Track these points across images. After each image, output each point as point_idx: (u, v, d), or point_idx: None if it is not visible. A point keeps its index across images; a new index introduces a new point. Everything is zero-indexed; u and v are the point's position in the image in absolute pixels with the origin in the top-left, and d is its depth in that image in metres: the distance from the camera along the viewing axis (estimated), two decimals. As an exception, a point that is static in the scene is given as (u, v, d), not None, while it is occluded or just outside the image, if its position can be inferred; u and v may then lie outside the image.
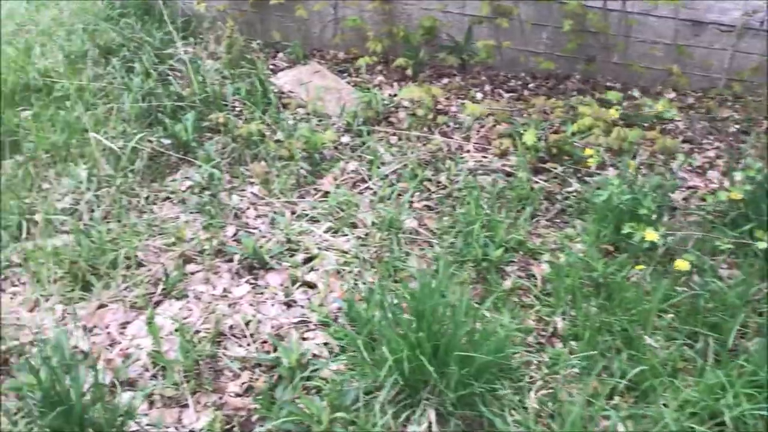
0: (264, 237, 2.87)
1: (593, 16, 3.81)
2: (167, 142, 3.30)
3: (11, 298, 2.54)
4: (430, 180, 3.25)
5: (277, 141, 3.38)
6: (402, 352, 2.01)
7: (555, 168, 3.32)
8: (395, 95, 3.98)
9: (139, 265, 2.68)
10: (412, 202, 3.09)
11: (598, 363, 2.25)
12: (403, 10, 4.31)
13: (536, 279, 2.72)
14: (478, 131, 3.72)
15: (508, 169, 3.37)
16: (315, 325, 2.47)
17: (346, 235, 2.89)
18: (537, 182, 3.24)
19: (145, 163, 3.12)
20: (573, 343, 2.42)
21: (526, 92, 4.19)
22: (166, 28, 4.20)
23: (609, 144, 3.41)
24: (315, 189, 3.21)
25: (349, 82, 4.11)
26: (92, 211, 2.89)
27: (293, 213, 3.03)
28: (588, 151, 3.24)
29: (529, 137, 3.37)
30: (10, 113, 3.33)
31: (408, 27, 4.26)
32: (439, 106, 3.88)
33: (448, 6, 4.11)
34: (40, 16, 4.60)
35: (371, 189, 3.21)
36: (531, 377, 2.27)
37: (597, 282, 2.62)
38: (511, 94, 4.17)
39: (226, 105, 3.57)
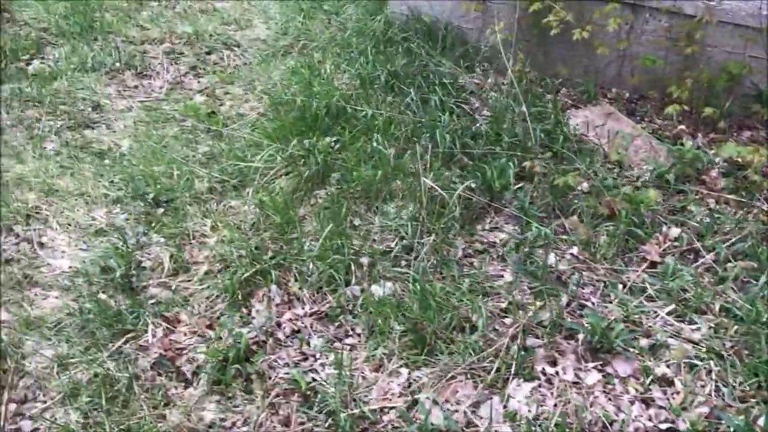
0: (600, 313, 2.59)
1: None
2: (473, 186, 3.10)
3: (350, 350, 2.42)
4: (775, 262, 2.83)
5: (595, 195, 3.08)
6: None
7: None
8: (698, 147, 3.58)
9: (473, 327, 2.48)
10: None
11: None
12: (703, 51, 3.89)
13: None
14: (808, 203, 3.24)
15: None
16: (685, 435, 2.16)
17: (696, 322, 2.55)
18: None
19: (459, 210, 2.93)
20: None
21: None
22: (449, 55, 4.05)
23: None
24: (638, 256, 2.89)
25: (644, 128, 3.75)
26: (417, 258, 2.74)
27: (623, 285, 2.73)
28: None
29: None
30: (321, 140, 3.26)
31: (709, 71, 3.83)
32: (753, 166, 3.43)
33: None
34: (316, 30, 4.59)
35: (704, 263, 2.84)
36: None
37: None
38: (830, 158, 3.64)
39: (532, 149, 3.32)
